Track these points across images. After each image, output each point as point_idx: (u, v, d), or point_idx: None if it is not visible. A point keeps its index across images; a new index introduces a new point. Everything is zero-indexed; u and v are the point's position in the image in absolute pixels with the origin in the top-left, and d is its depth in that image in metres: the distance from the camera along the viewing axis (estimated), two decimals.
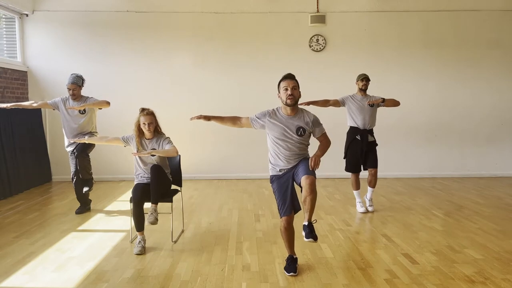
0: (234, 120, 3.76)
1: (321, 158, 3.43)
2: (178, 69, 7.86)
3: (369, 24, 7.89)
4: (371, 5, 7.85)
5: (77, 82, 5.41)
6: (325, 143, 3.67)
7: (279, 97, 3.59)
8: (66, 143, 5.53)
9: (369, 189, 5.57)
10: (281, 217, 3.54)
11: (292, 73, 3.68)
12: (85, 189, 5.44)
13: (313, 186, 3.29)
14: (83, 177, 5.42)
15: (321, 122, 3.68)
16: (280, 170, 3.59)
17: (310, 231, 3.38)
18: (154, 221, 4.07)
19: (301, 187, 3.40)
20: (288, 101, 3.50)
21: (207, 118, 3.72)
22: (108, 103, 5.37)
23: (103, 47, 7.76)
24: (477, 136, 8.09)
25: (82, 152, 5.39)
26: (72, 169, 5.48)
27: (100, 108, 5.56)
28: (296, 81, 3.55)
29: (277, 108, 3.65)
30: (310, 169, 3.36)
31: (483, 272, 3.58)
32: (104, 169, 7.66)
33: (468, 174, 8.05)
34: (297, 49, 7.85)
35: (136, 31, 7.76)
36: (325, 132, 3.69)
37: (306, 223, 3.39)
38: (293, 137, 3.54)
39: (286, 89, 3.50)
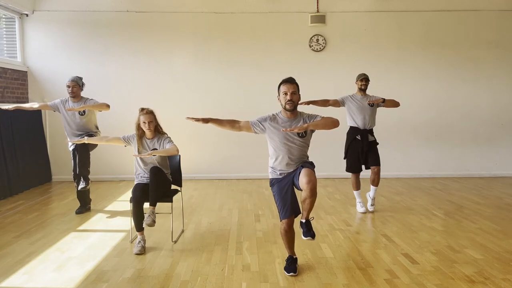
0: (232, 124, 3.64)
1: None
2: (178, 69, 7.86)
3: (369, 24, 7.89)
4: (371, 5, 7.86)
5: (77, 81, 5.43)
6: (326, 118, 3.52)
7: (278, 100, 3.58)
8: (69, 144, 5.53)
9: (372, 188, 5.54)
10: (281, 220, 3.53)
11: (293, 73, 3.67)
12: (82, 185, 5.38)
13: (314, 190, 3.31)
14: (81, 172, 5.38)
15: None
16: (280, 174, 3.59)
17: (308, 229, 3.45)
18: (152, 223, 4.07)
19: (301, 190, 3.40)
20: (287, 106, 3.49)
21: (205, 120, 3.57)
22: (107, 106, 5.36)
23: (103, 47, 7.76)
24: (477, 136, 8.09)
25: (82, 146, 5.35)
26: (74, 166, 5.48)
27: (100, 111, 5.55)
28: (296, 84, 3.53)
29: (277, 113, 3.63)
30: (283, 130, 3.40)
31: (483, 272, 3.58)
32: (104, 169, 7.67)
33: (468, 174, 8.05)
34: (297, 49, 7.85)
35: (136, 31, 7.76)
36: (326, 116, 3.56)
37: (303, 221, 3.47)
38: (294, 140, 3.53)
39: (286, 94, 3.48)
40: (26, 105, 5.68)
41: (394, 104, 5.45)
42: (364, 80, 5.43)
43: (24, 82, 7.58)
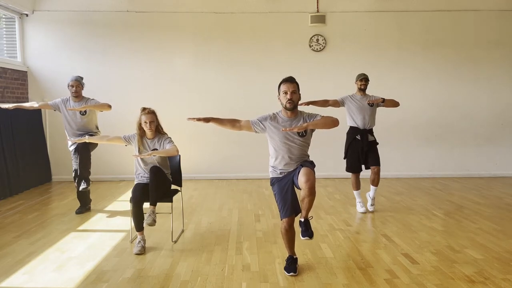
0: (233, 123, 3.65)
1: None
2: (178, 69, 7.86)
3: (369, 24, 7.89)
4: (371, 5, 7.86)
5: (80, 80, 5.44)
6: (326, 118, 3.52)
7: (279, 99, 3.58)
8: (69, 144, 5.53)
9: (372, 188, 5.54)
10: (282, 219, 3.54)
11: (292, 73, 3.67)
12: (83, 186, 5.37)
13: (312, 189, 3.31)
14: (82, 174, 5.39)
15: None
16: (280, 173, 3.59)
17: (306, 228, 3.47)
18: (152, 223, 4.07)
19: (300, 189, 3.41)
20: (287, 105, 3.50)
21: (206, 120, 3.58)
22: (109, 106, 5.36)
23: (103, 47, 7.76)
24: (477, 136, 8.09)
25: (84, 147, 5.36)
26: (74, 167, 5.48)
27: (101, 111, 5.55)
28: (296, 83, 3.53)
29: (277, 112, 3.64)
30: (283, 130, 3.40)
31: (483, 272, 3.58)
32: (104, 169, 7.67)
33: (468, 174, 8.05)
34: (297, 49, 7.85)
35: (136, 31, 7.76)
36: (325, 116, 3.56)
37: (302, 220, 3.48)
38: (295, 139, 3.53)
39: (286, 93, 3.48)
40: (26, 104, 5.68)
41: (394, 104, 5.45)
42: (363, 80, 5.43)
43: (24, 82, 7.58)
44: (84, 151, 5.38)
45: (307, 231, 3.45)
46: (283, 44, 7.86)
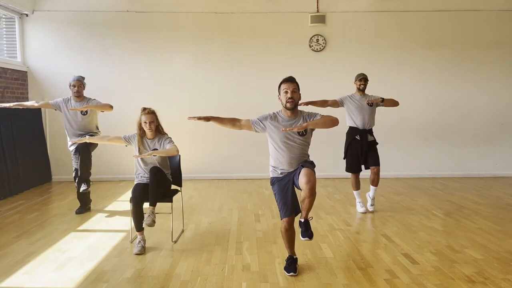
0: (233, 122, 3.66)
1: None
2: (178, 69, 7.86)
3: (369, 24, 7.89)
4: (371, 5, 7.86)
5: (81, 80, 5.44)
6: (326, 117, 3.52)
7: (279, 99, 3.59)
8: (69, 144, 5.53)
9: (372, 188, 5.54)
10: (282, 219, 3.54)
11: (292, 73, 3.68)
12: (83, 187, 5.36)
13: (313, 190, 3.31)
14: (82, 174, 5.38)
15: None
16: (281, 173, 3.59)
17: (306, 229, 3.47)
18: (151, 223, 4.07)
19: (300, 189, 3.41)
20: (288, 104, 3.50)
21: (207, 119, 3.58)
22: (111, 107, 5.35)
23: (103, 47, 7.76)
24: (477, 136, 8.09)
25: (84, 148, 5.36)
26: (75, 167, 5.48)
27: (103, 111, 5.54)
28: (297, 83, 3.54)
29: (277, 112, 3.64)
30: (283, 130, 3.41)
31: (483, 272, 3.58)
32: (104, 169, 7.67)
33: (468, 174, 8.05)
34: (297, 49, 7.85)
35: (136, 31, 7.76)
36: (325, 115, 3.57)
37: (302, 220, 3.48)
38: (295, 139, 3.54)
39: (286, 92, 3.49)
40: (27, 103, 5.67)
41: (393, 103, 5.45)
42: (362, 80, 5.43)
43: (24, 82, 7.58)
44: (85, 152, 5.38)
45: (307, 232, 3.46)
46: (283, 44, 7.86)
